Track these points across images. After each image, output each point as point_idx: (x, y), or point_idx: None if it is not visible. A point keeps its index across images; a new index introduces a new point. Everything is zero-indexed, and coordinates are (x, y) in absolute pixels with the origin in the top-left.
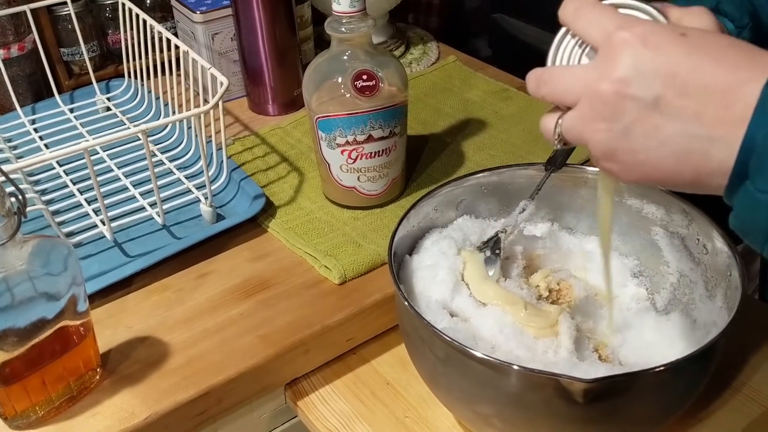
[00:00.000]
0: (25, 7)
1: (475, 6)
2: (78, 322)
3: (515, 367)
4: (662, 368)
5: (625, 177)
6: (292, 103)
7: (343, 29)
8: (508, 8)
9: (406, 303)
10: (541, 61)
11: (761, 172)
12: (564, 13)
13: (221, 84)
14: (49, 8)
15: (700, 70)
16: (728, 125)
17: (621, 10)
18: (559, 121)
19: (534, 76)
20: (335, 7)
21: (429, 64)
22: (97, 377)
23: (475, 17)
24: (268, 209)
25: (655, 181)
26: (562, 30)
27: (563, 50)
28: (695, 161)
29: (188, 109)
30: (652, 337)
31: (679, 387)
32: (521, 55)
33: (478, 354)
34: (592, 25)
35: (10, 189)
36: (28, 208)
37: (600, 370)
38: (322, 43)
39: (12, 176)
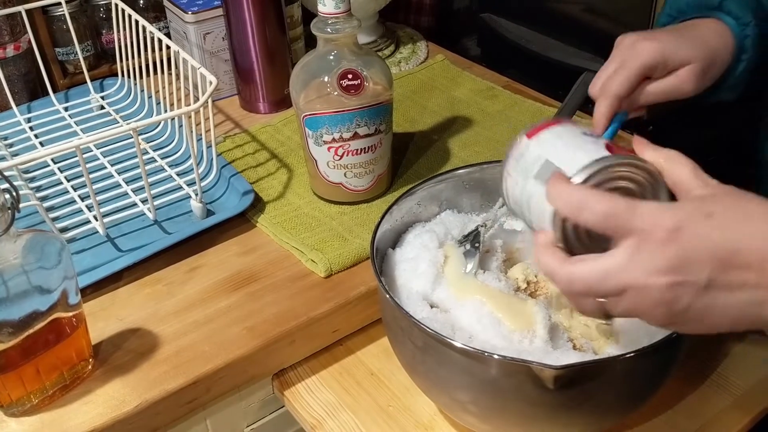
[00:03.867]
0: (21, 8)
1: (464, 6)
2: (70, 314)
3: (487, 355)
4: (630, 355)
5: (681, 332)
6: (282, 101)
7: (328, 30)
8: (496, 8)
9: (386, 294)
10: (529, 60)
11: None
12: (563, 204)
13: (210, 83)
14: (44, 9)
15: (739, 251)
16: None
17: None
18: (605, 306)
19: (564, 277)
20: (321, 8)
21: (418, 63)
22: (90, 367)
23: (463, 17)
24: (257, 205)
25: (711, 333)
26: (523, 142)
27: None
28: (751, 320)
29: (180, 108)
30: (627, 328)
31: (648, 374)
32: (509, 54)
33: (452, 342)
34: (608, 218)
35: (4, 185)
36: (22, 204)
37: (571, 358)
38: (312, 42)
39: (7, 173)
